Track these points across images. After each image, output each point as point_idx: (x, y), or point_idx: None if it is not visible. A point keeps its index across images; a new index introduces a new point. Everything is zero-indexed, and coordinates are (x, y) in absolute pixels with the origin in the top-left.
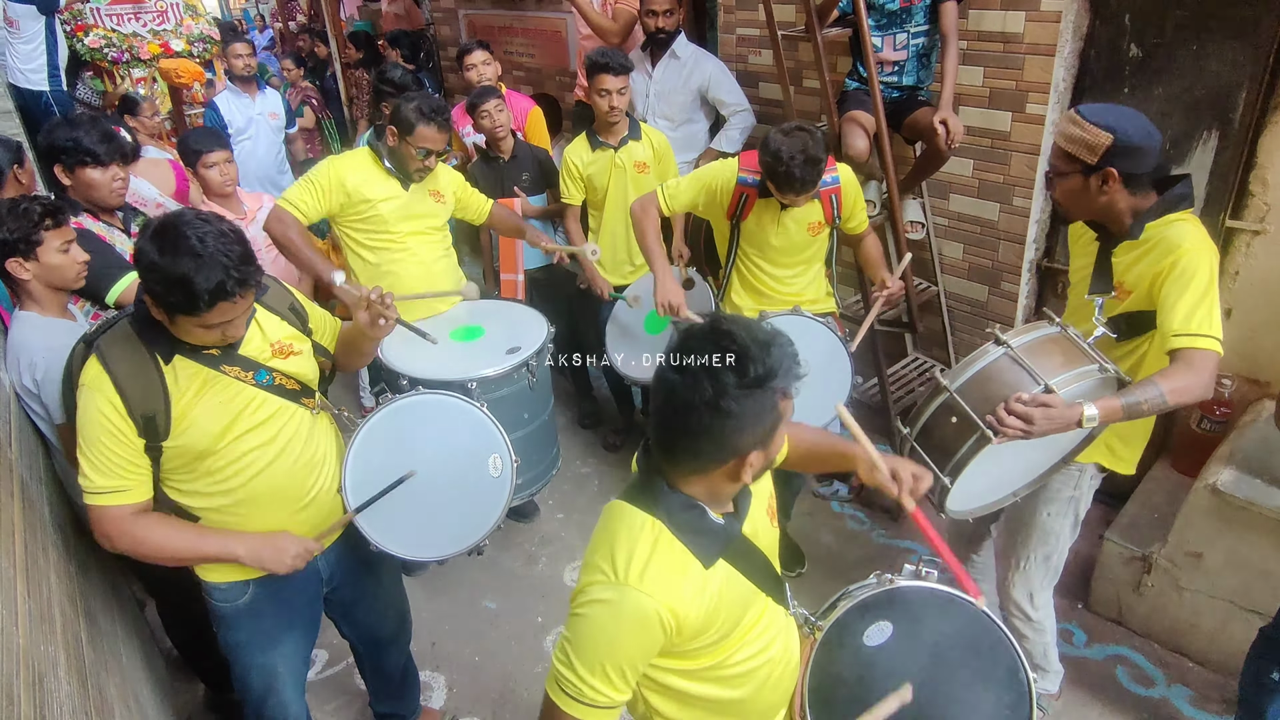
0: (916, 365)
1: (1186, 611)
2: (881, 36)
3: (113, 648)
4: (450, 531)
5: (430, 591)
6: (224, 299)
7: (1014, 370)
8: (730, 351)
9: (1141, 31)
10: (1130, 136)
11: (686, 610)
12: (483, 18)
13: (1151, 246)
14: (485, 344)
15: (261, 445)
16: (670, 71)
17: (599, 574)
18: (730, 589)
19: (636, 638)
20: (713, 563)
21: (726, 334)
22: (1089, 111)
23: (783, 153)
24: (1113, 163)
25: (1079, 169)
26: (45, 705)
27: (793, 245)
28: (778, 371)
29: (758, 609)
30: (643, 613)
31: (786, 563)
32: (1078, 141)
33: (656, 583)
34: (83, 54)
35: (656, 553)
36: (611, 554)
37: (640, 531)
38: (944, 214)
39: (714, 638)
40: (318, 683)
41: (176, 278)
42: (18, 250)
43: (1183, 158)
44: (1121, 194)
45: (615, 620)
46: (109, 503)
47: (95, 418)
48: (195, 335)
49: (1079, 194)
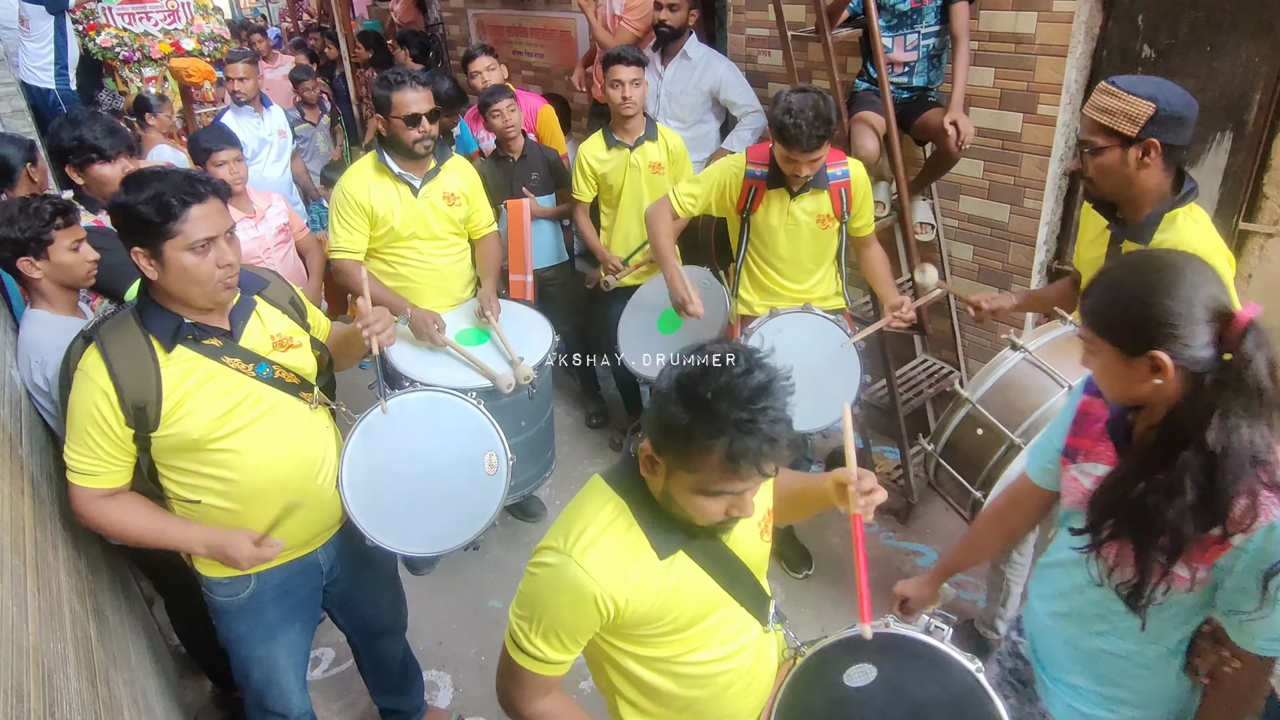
0: (925, 367)
1: None
2: (892, 37)
3: (121, 645)
4: (445, 528)
5: (436, 591)
6: (196, 199)
7: (1034, 375)
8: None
9: (1155, 32)
10: (1173, 105)
11: (629, 596)
12: (492, 17)
13: (1158, 243)
14: (488, 350)
15: (259, 439)
16: (681, 73)
17: (553, 539)
18: (689, 585)
19: (571, 610)
20: (668, 555)
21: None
22: (1125, 83)
23: (793, 107)
24: (1155, 133)
25: (1118, 142)
26: (55, 702)
27: (802, 237)
28: (710, 421)
29: (724, 615)
30: (579, 587)
31: (793, 564)
32: (1117, 113)
33: (599, 563)
34: (94, 53)
35: (609, 533)
36: (569, 524)
37: (601, 509)
38: (954, 215)
39: (665, 629)
40: (325, 681)
41: (147, 197)
42: (29, 249)
43: (1196, 160)
44: (1157, 168)
45: (552, 588)
46: (80, 483)
47: (84, 404)
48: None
49: (1115, 169)
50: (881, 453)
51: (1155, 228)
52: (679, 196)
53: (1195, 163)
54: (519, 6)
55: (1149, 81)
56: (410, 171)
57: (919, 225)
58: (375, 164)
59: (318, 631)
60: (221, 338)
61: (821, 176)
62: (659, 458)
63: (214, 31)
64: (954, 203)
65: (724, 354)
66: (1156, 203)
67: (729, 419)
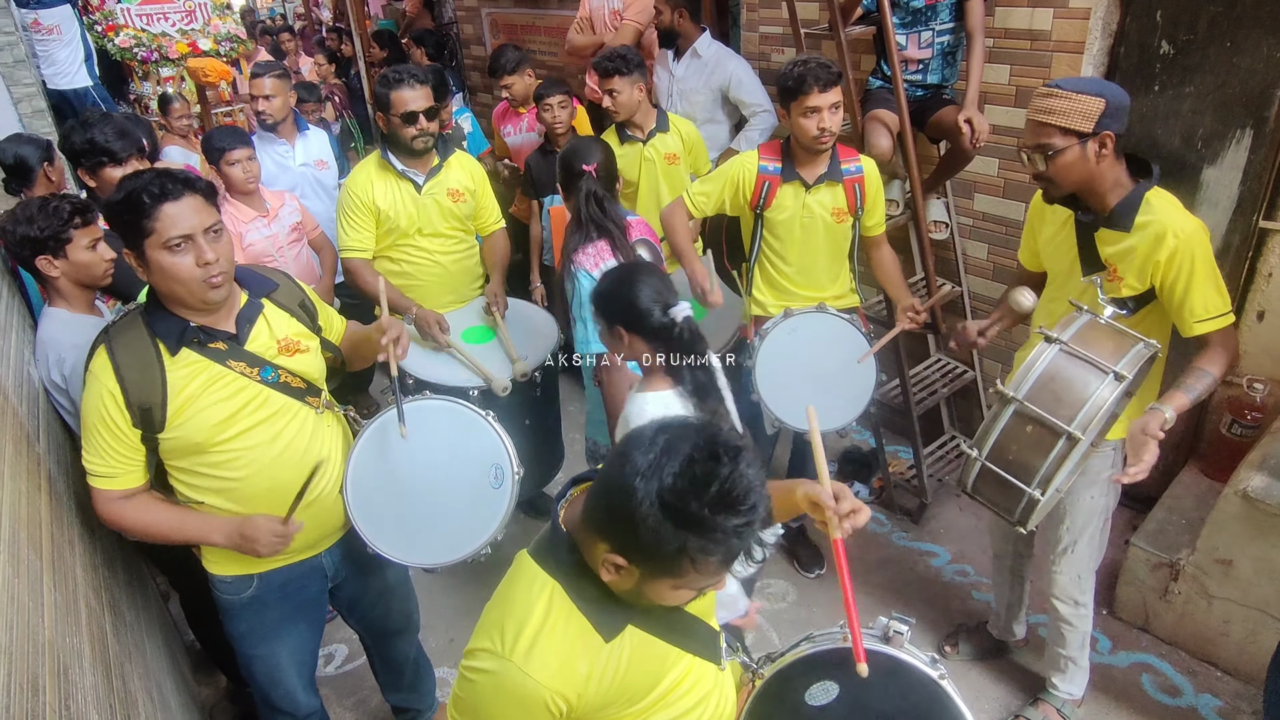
0: (940, 366)
1: (1216, 620)
2: (906, 34)
3: (137, 640)
4: (448, 540)
5: (448, 589)
6: (166, 198)
7: (1075, 365)
8: (697, 494)
9: (1174, 28)
10: (1117, 97)
11: (581, 690)
12: (505, 16)
13: (1137, 229)
14: (493, 349)
15: (264, 443)
16: (692, 70)
17: (488, 639)
18: (640, 656)
19: (519, 716)
20: (615, 635)
21: (705, 480)
22: (1068, 84)
23: (797, 61)
24: (1107, 125)
25: (1075, 139)
26: (70, 696)
27: (817, 232)
28: (709, 536)
29: (679, 671)
30: (524, 694)
31: (805, 563)
32: (1071, 113)
33: (544, 664)
34: (113, 54)
35: (548, 627)
36: (503, 621)
37: (537, 599)
38: (968, 213)
39: (624, 705)
40: (338, 677)
41: (121, 195)
42: (48, 248)
43: (1215, 157)
44: (1112, 158)
45: (495, 696)
46: (100, 485)
47: (95, 405)
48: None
49: (1076, 166)
50: (895, 452)
51: (1135, 212)
52: (692, 196)
53: (1215, 160)
54: (532, 5)
55: (1086, 80)
56: (414, 168)
57: (933, 224)
58: (379, 162)
59: (330, 628)
60: (226, 341)
61: (835, 170)
62: (630, 565)
63: (230, 31)
64: (969, 201)
65: (693, 449)
66: (1116, 188)
67: (728, 530)
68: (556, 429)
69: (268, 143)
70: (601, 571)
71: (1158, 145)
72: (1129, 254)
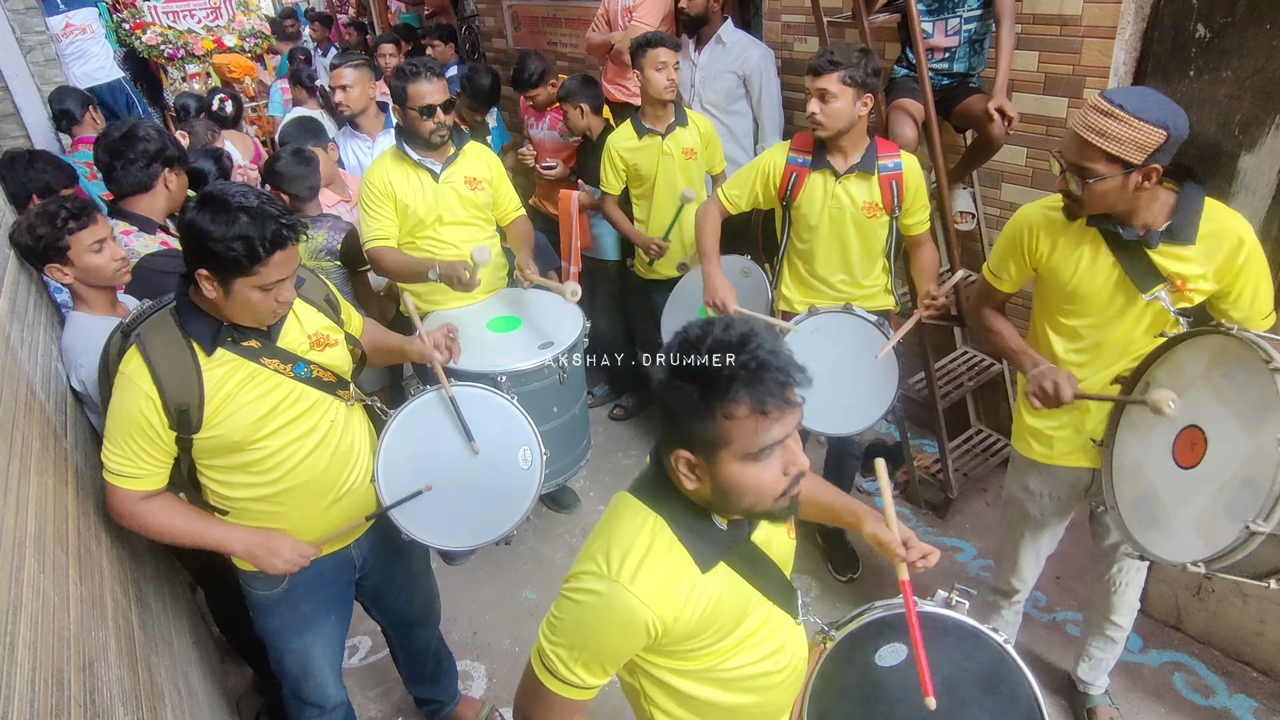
0: (966, 359)
1: (1251, 618)
2: (932, 22)
3: (164, 632)
4: (479, 522)
5: (471, 581)
6: (280, 247)
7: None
8: (691, 344)
9: (1210, 10)
10: (1179, 129)
11: (677, 614)
12: (526, 8)
13: (1203, 236)
14: (520, 336)
15: (299, 438)
16: (715, 57)
17: (593, 564)
18: (730, 594)
19: (619, 635)
20: (710, 567)
21: (702, 333)
22: (1133, 105)
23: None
24: (1158, 159)
25: (1120, 169)
26: (95, 690)
27: (846, 224)
28: (717, 381)
29: (760, 616)
30: (630, 613)
31: (840, 566)
32: (1125, 141)
33: (648, 586)
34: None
35: (652, 553)
36: (608, 547)
37: (640, 529)
38: (996, 204)
39: (708, 641)
40: (362, 669)
41: (235, 234)
42: (49, 256)
43: (1253, 144)
44: (1154, 187)
45: (600, 615)
46: (121, 485)
47: (127, 408)
48: (251, 305)
49: (1111, 194)
50: (920, 446)
51: (1196, 226)
52: (726, 192)
53: (1253, 147)
54: None
55: (1153, 102)
56: (430, 158)
57: (959, 214)
58: (395, 154)
59: (354, 620)
60: (259, 339)
61: (870, 162)
62: (695, 456)
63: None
64: (995, 191)
65: (688, 327)
66: (1154, 205)
67: (734, 368)
68: (583, 418)
69: (348, 136)
70: (683, 481)
71: (1193, 132)
72: (1198, 262)
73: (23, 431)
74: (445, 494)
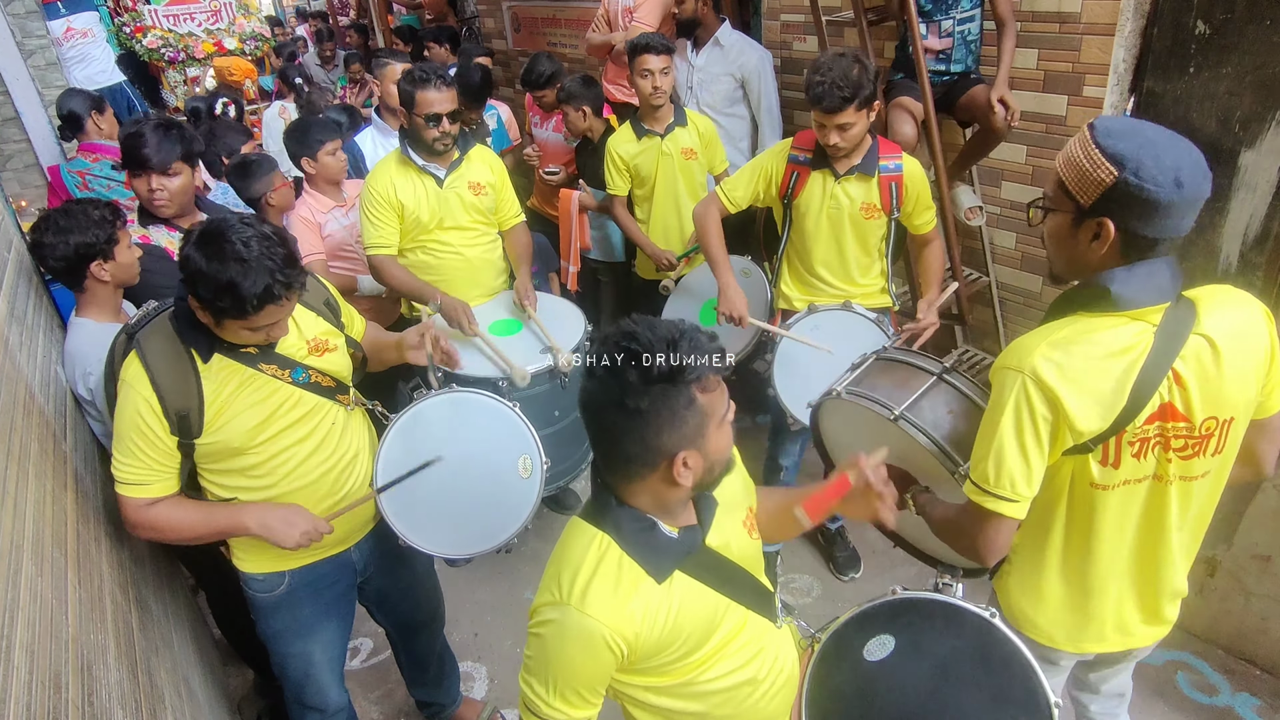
0: (967, 357)
1: (1254, 617)
2: (925, 24)
3: (164, 634)
4: (478, 530)
5: (472, 583)
6: (271, 302)
7: None
8: (632, 351)
9: (1210, 6)
10: (1146, 178)
11: (638, 629)
12: (526, 9)
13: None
14: (521, 340)
15: (297, 443)
16: (713, 59)
17: (548, 594)
18: (694, 603)
19: (583, 658)
20: (665, 578)
21: (630, 334)
22: (1107, 130)
23: (821, 66)
24: (1108, 210)
25: (1072, 208)
26: (94, 692)
27: (844, 224)
28: (687, 367)
29: (733, 623)
30: (587, 634)
31: (842, 566)
32: (1075, 167)
33: (600, 604)
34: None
35: (600, 571)
36: (559, 573)
37: (588, 549)
38: (996, 202)
39: (678, 654)
40: (363, 671)
41: (224, 284)
42: (102, 251)
43: (1253, 140)
44: (1113, 255)
45: (560, 642)
46: (130, 494)
47: (130, 415)
48: (240, 336)
49: (1063, 242)
50: None
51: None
52: (726, 191)
53: (1253, 144)
54: None
55: (1140, 135)
56: (434, 163)
57: (969, 210)
58: (399, 158)
59: (356, 622)
60: (256, 345)
61: (870, 163)
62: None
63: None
64: (995, 189)
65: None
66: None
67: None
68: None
69: (383, 133)
70: (678, 478)
71: (1193, 130)
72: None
73: (21, 435)
74: (445, 502)
